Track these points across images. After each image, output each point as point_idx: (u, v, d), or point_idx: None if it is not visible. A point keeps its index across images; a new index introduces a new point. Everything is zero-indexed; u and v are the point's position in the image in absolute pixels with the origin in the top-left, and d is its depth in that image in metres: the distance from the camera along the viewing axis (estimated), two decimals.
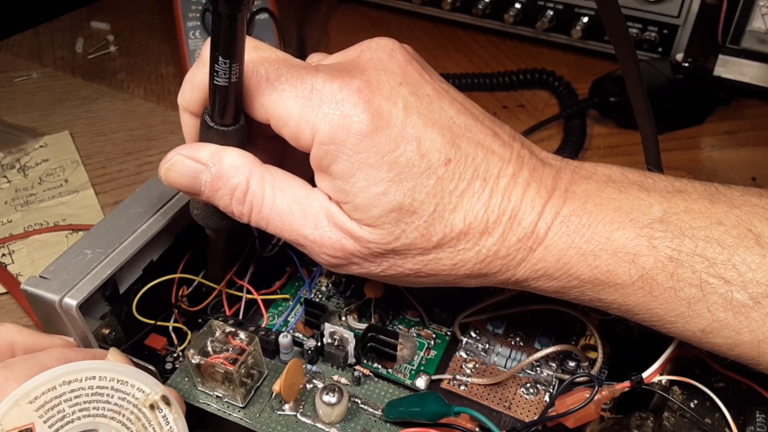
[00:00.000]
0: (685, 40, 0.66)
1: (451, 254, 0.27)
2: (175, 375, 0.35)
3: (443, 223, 0.27)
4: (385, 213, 0.26)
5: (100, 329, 0.32)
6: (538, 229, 0.27)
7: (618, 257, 0.26)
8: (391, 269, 0.28)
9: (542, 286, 0.29)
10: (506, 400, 0.34)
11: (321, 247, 0.28)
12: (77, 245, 0.31)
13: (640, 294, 0.27)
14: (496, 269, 0.28)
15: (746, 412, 0.29)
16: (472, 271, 0.28)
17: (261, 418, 0.33)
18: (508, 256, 0.27)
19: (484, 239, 0.27)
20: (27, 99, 0.69)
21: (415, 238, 0.27)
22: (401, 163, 0.26)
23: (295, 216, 0.28)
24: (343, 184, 0.27)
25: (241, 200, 0.28)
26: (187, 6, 0.65)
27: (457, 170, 0.26)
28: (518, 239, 0.27)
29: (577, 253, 0.27)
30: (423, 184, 0.26)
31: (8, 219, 0.54)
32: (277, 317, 0.39)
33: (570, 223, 0.27)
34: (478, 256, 0.27)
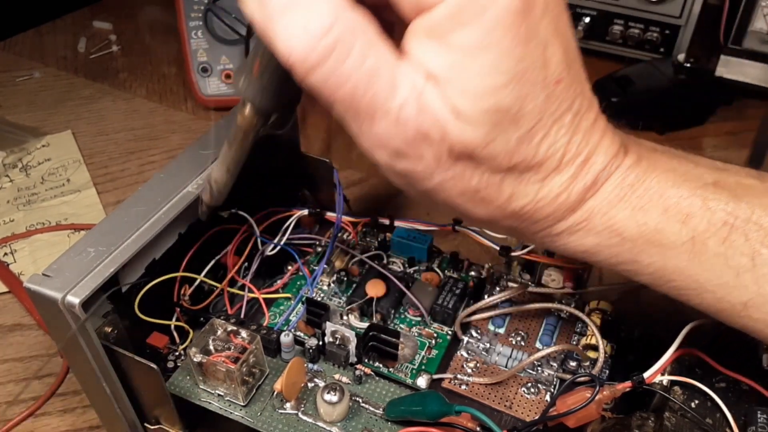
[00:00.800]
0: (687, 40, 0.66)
1: (516, 183, 0.25)
2: (177, 373, 0.35)
3: (530, 146, 0.24)
4: (491, 111, 0.22)
5: (103, 327, 0.32)
6: (599, 179, 0.25)
7: (669, 215, 0.25)
8: (451, 182, 0.24)
9: (573, 243, 0.26)
10: (507, 400, 0.34)
11: (398, 128, 0.23)
12: (80, 243, 0.32)
13: (685, 258, 0.25)
14: (542, 216, 0.25)
15: (747, 412, 0.29)
16: (521, 210, 0.25)
17: (262, 417, 0.33)
18: (564, 204, 0.25)
19: (551, 177, 0.25)
20: (29, 98, 0.70)
21: (500, 151, 0.23)
22: (527, 62, 0.22)
23: (381, 83, 0.22)
24: (462, 59, 0.22)
25: (319, 40, 0.21)
26: (190, 5, 0.66)
27: (562, 94, 0.24)
28: (583, 186, 0.25)
29: (626, 208, 0.25)
30: (535, 95, 0.23)
31: (10, 218, 0.54)
32: (278, 316, 0.39)
33: (627, 177, 0.25)
34: (538, 194, 0.25)
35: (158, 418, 0.35)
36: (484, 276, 0.41)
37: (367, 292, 0.38)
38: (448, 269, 0.42)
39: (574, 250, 0.27)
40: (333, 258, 0.42)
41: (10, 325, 0.46)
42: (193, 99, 0.68)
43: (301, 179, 0.44)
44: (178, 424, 0.34)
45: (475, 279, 0.41)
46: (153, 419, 0.35)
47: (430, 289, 0.39)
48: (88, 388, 0.35)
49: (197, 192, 0.35)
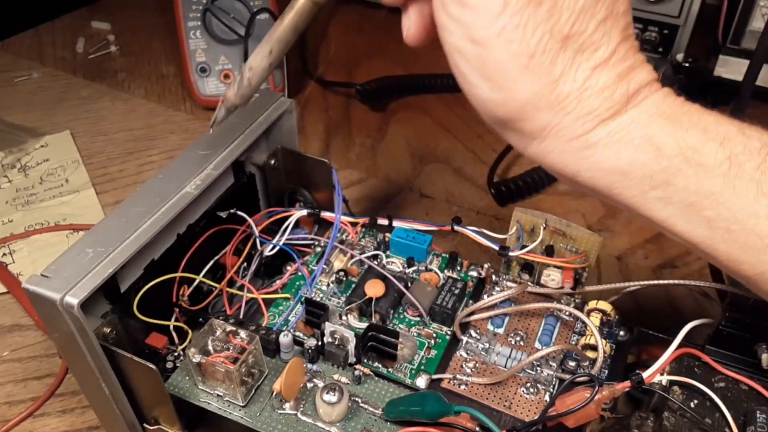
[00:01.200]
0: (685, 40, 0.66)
1: (568, 61, 0.25)
2: (176, 374, 0.35)
3: (590, 21, 0.24)
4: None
5: (101, 328, 0.32)
6: (641, 92, 0.26)
7: (708, 135, 0.25)
8: (514, 31, 0.24)
9: (608, 159, 0.26)
10: (506, 400, 0.34)
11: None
12: (78, 244, 0.32)
13: (720, 181, 0.25)
14: (585, 110, 0.25)
15: (747, 412, 0.29)
16: (566, 97, 0.25)
17: (261, 417, 0.33)
18: (607, 102, 0.25)
19: (601, 67, 0.25)
20: (28, 99, 0.70)
21: (568, 6, 0.24)
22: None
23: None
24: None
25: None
26: (188, 6, 0.66)
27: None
28: (626, 91, 0.25)
29: (666, 123, 0.25)
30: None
31: (9, 219, 0.54)
32: (277, 316, 0.39)
33: (667, 98, 0.26)
34: (586, 81, 0.25)
35: (157, 419, 0.35)
36: (483, 276, 0.41)
37: (366, 293, 0.38)
38: (447, 269, 0.42)
39: (608, 169, 0.26)
40: (332, 258, 0.42)
41: (8, 325, 0.46)
42: (192, 99, 0.68)
43: (300, 179, 0.44)
44: (177, 425, 0.34)
45: (474, 279, 0.41)
46: (152, 419, 0.35)
47: (429, 289, 0.39)
48: (87, 389, 0.34)
49: (196, 192, 0.35)
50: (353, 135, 0.65)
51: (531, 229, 0.39)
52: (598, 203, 0.56)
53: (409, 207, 0.56)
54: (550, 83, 0.25)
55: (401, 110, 0.67)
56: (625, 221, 0.54)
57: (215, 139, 0.38)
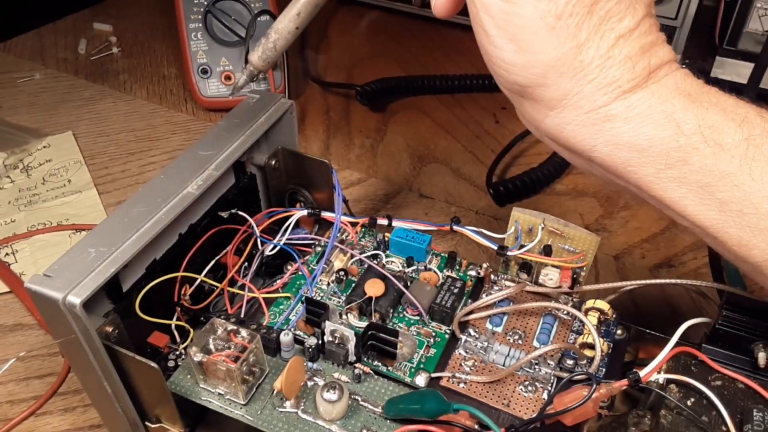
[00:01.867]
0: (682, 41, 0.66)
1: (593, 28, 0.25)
2: (178, 372, 0.35)
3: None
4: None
5: (104, 327, 0.32)
6: (662, 69, 0.26)
7: (727, 115, 0.25)
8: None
9: (626, 134, 0.26)
10: (505, 398, 0.34)
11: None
12: (81, 244, 0.32)
13: (737, 163, 0.25)
14: (607, 81, 0.25)
15: (743, 411, 0.30)
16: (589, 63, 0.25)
17: (262, 415, 0.33)
18: (629, 72, 0.25)
19: (625, 38, 0.25)
20: (30, 100, 0.70)
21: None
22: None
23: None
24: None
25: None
26: (189, 7, 0.66)
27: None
28: (648, 64, 0.25)
29: (686, 100, 0.25)
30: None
31: (11, 219, 0.55)
32: (278, 315, 0.39)
33: (688, 77, 0.26)
34: (609, 50, 0.25)
35: (159, 417, 0.35)
36: (482, 275, 0.41)
37: (366, 292, 0.38)
38: (446, 269, 0.42)
39: (625, 144, 0.26)
40: (332, 258, 0.42)
41: (11, 324, 0.46)
42: (193, 100, 0.68)
43: (301, 180, 0.44)
44: (178, 423, 0.34)
45: (473, 278, 0.41)
46: (154, 418, 0.35)
47: (429, 289, 0.39)
48: (89, 388, 0.35)
49: (197, 193, 0.35)
50: (353, 136, 0.65)
51: (529, 229, 0.39)
52: (595, 203, 0.56)
53: (408, 207, 0.56)
54: (575, 48, 0.25)
55: (401, 111, 0.68)
56: (623, 221, 0.54)
57: (216, 140, 0.38)
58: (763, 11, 0.60)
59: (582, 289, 0.39)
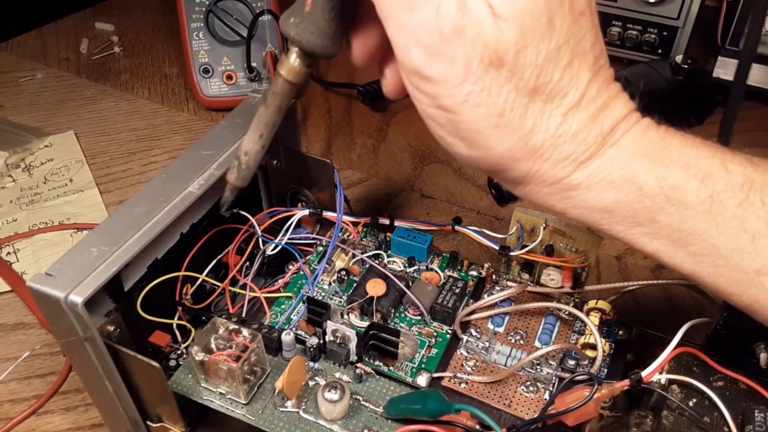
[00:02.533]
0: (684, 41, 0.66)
1: (538, 112, 0.25)
2: (179, 372, 0.35)
3: (555, 69, 0.24)
4: (525, 12, 0.23)
5: (105, 326, 0.32)
6: (618, 128, 0.25)
7: (689, 173, 0.25)
8: (479, 96, 0.24)
9: (593, 199, 0.26)
10: (506, 398, 0.34)
11: (437, 20, 0.23)
12: (82, 243, 0.32)
13: (703, 219, 0.25)
14: (562, 156, 0.25)
15: (745, 411, 0.30)
16: (541, 146, 0.25)
17: (264, 415, 0.33)
18: (582, 144, 0.25)
19: (572, 112, 0.25)
20: (32, 99, 0.70)
21: (529, 64, 0.24)
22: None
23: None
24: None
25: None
26: (191, 7, 0.66)
27: (584, 28, 0.25)
28: (601, 130, 0.25)
29: (647, 161, 0.25)
30: (563, 14, 0.24)
31: (13, 218, 0.55)
32: (279, 315, 0.39)
33: (646, 132, 0.26)
34: (558, 129, 0.25)
35: (160, 416, 0.35)
36: (484, 275, 0.41)
37: (367, 292, 0.38)
38: (447, 269, 0.42)
39: (592, 208, 0.27)
40: (334, 257, 0.42)
41: (12, 323, 0.46)
42: (195, 100, 0.68)
43: (302, 179, 0.44)
44: (180, 422, 0.34)
45: (474, 278, 0.41)
46: (155, 417, 0.35)
47: (430, 289, 0.39)
48: (90, 387, 0.35)
49: (199, 192, 0.35)
50: (354, 135, 0.65)
51: (531, 229, 0.39)
52: None
53: (410, 207, 0.56)
54: (523, 136, 0.25)
55: (402, 111, 0.68)
56: None
57: (218, 139, 0.39)
58: None
59: (584, 290, 0.39)
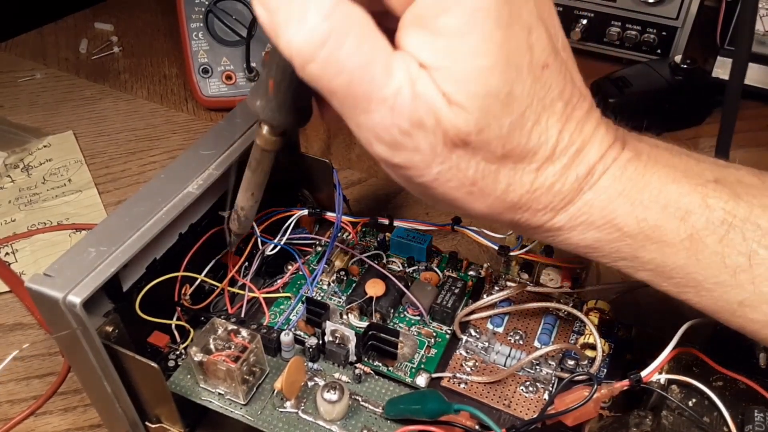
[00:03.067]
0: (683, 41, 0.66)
1: (511, 173, 0.25)
2: (178, 372, 0.35)
3: (522, 132, 0.24)
4: (481, 94, 0.23)
5: (104, 327, 0.32)
6: (595, 170, 0.25)
7: (668, 212, 0.25)
8: (449, 173, 0.25)
9: (575, 238, 0.27)
10: (506, 398, 0.34)
11: (394, 116, 0.23)
12: (81, 243, 0.32)
13: (684, 255, 0.25)
14: (541, 206, 0.26)
15: (745, 411, 0.30)
16: (519, 201, 0.26)
17: (263, 416, 0.33)
18: (560, 194, 0.25)
19: (545, 166, 0.25)
20: (31, 99, 0.70)
21: (494, 137, 0.24)
22: (511, 45, 0.23)
23: (376, 71, 0.23)
24: (448, 44, 0.22)
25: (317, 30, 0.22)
26: (191, 7, 0.66)
27: (550, 80, 0.24)
28: (576, 177, 0.25)
29: (625, 202, 0.25)
30: (522, 79, 0.23)
31: (12, 218, 0.55)
32: (278, 315, 0.39)
33: (625, 170, 0.26)
34: (533, 184, 0.25)
35: (159, 417, 0.35)
36: (483, 275, 0.41)
37: (366, 292, 0.38)
38: (447, 269, 0.42)
39: (576, 246, 0.27)
40: (333, 257, 0.42)
41: (11, 324, 0.46)
42: (194, 100, 0.68)
43: (301, 179, 0.44)
44: (178, 423, 0.34)
45: (473, 278, 0.41)
46: (154, 418, 0.35)
47: (429, 289, 0.39)
48: (89, 387, 0.35)
49: (198, 192, 0.35)
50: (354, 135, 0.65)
51: None
52: None
53: (409, 207, 0.56)
54: (499, 196, 0.25)
55: None
56: None
57: (217, 139, 0.38)
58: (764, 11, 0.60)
59: (583, 290, 0.39)
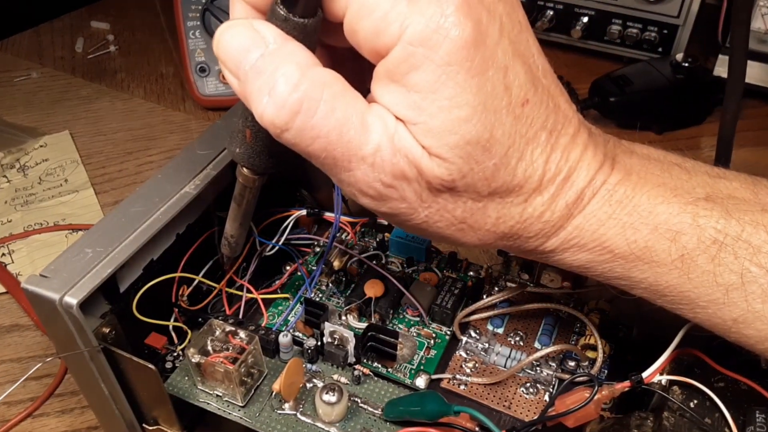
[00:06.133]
0: (685, 40, 0.66)
1: (499, 207, 0.25)
2: (175, 374, 0.35)
3: (507, 170, 0.24)
4: (461, 144, 0.23)
5: (101, 328, 0.32)
6: (584, 195, 0.25)
7: (659, 233, 0.25)
8: (437, 215, 0.25)
9: (568, 259, 0.27)
10: (506, 400, 0.34)
11: (375, 172, 0.23)
12: (77, 244, 0.31)
13: (676, 275, 0.25)
14: (532, 234, 0.26)
15: (746, 412, 0.29)
16: (509, 231, 0.26)
17: (261, 417, 0.33)
18: (550, 222, 0.26)
19: (533, 197, 0.25)
20: (27, 99, 0.70)
21: (478, 180, 0.24)
22: (487, 91, 0.23)
23: (353, 131, 0.23)
24: (422, 99, 0.22)
25: (288, 101, 0.22)
26: (187, 6, 0.66)
27: (531, 114, 0.24)
28: (566, 204, 0.25)
29: (616, 225, 0.25)
30: (502, 122, 0.23)
31: (8, 219, 0.54)
32: (277, 316, 0.39)
33: (615, 192, 0.26)
34: (522, 214, 0.25)
35: (156, 419, 0.35)
36: (483, 276, 0.41)
37: (365, 293, 0.38)
38: (446, 269, 0.42)
39: (569, 265, 0.28)
40: (331, 258, 0.42)
41: (8, 325, 0.46)
42: (191, 99, 0.68)
43: (300, 179, 0.44)
44: (176, 425, 0.34)
45: (473, 279, 0.41)
46: (151, 420, 0.35)
47: (429, 289, 0.39)
48: (86, 389, 0.34)
49: (195, 192, 0.35)
50: None
51: None
52: None
53: None
54: (490, 229, 0.26)
55: None
56: None
57: (214, 139, 0.38)
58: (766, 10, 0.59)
59: (584, 290, 0.38)
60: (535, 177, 0.25)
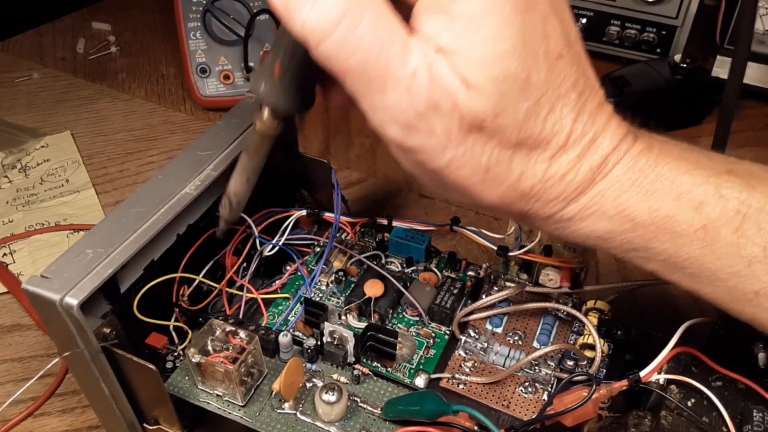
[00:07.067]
0: (683, 40, 0.66)
1: (524, 161, 0.25)
2: (176, 374, 0.35)
3: (537, 120, 0.24)
4: (501, 77, 0.23)
5: (101, 328, 0.32)
6: (608, 161, 0.25)
7: (682, 202, 0.25)
8: (463, 158, 0.24)
9: (586, 228, 0.26)
10: (505, 399, 0.34)
11: (410, 98, 0.23)
12: (78, 244, 0.32)
13: (697, 246, 0.25)
14: (553, 197, 0.26)
15: (743, 411, 0.29)
16: (530, 191, 0.25)
17: (261, 417, 0.33)
18: (572, 183, 0.25)
19: (559, 155, 0.25)
20: (28, 99, 0.70)
21: (509, 123, 0.24)
22: (528, 32, 0.23)
23: (393, 51, 0.22)
24: (467, 27, 0.22)
25: (333, 8, 0.22)
26: (188, 7, 0.66)
27: (564, 70, 0.24)
28: (590, 167, 0.25)
29: (638, 192, 0.25)
30: (538, 67, 0.23)
31: (9, 219, 0.54)
32: (277, 316, 0.39)
33: (638, 161, 0.25)
34: (546, 173, 0.25)
35: (157, 419, 0.35)
36: (482, 276, 0.41)
37: (365, 292, 0.38)
38: (446, 269, 0.42)
39: (587, 236, 0.27)
40: (331, 258, 0.42)
41: (9, 325, 0.46)
42: (192, 100, 0.68)
43: (300, 180, 0.44)
44: (176, 425, 0.34)
45: (472, 279, 0.41)
46: (152, 419, 0.35)
47: (428, 289, 0.39)
48: (86, 389, 0.35)
49: (196, 193, 0.35)
50: (353, 135, 0.65)
51: (529, 229, 0.39)
52: None
53: (408, 207, 0.56)
54: (512, 185, 0.25)
55: None
56: None
57: (215, 139, 0.38)
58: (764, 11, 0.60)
59: (582, 290, 0.39)
60: (562, 134, 0.24)
